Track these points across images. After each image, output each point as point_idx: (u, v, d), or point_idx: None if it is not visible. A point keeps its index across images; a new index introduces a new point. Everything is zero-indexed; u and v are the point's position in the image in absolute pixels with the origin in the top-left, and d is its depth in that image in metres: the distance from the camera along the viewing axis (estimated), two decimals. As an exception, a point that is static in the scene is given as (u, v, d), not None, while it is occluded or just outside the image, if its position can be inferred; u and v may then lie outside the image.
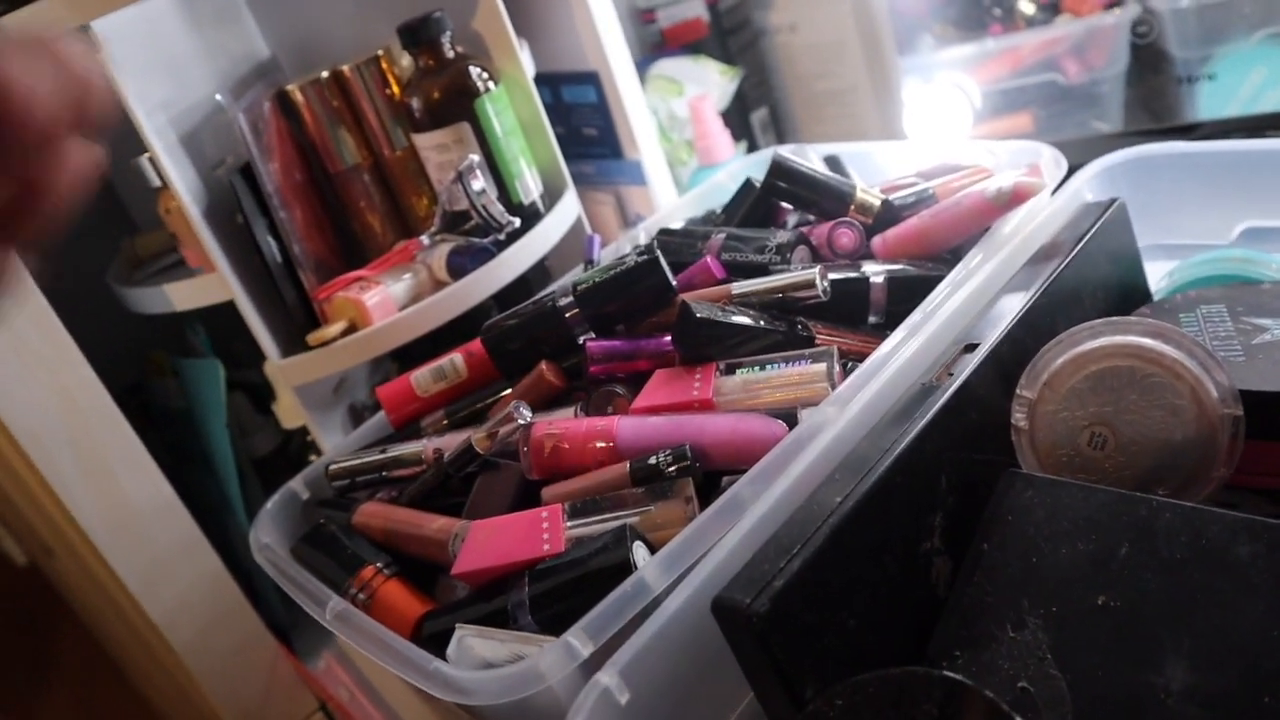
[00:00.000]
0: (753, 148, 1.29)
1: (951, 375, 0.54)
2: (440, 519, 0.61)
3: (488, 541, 0.55)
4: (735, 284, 0.65)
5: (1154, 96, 1.08)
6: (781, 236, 0.70)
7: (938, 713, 0.38)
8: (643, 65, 1.23)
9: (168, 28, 0.82)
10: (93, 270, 1.00)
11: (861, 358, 0.57)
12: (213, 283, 0.81)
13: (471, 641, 0.51)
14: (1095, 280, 0.63)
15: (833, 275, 0.64)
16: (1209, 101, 1.04)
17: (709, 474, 0.55)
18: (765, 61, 1.33)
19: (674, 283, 0.65)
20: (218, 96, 0.77)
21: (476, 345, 0.71)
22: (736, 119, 1.27)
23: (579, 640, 0.46)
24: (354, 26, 0.93)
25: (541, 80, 1.01)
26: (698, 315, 0.60)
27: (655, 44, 1.30)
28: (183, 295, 0.85)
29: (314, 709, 0.94)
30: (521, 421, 0.59)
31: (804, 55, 1.28)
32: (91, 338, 0.79)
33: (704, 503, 0.52)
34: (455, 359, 0.73)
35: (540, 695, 0.46)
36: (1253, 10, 0.99)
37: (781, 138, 1.35)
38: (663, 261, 0.65)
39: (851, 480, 0.48)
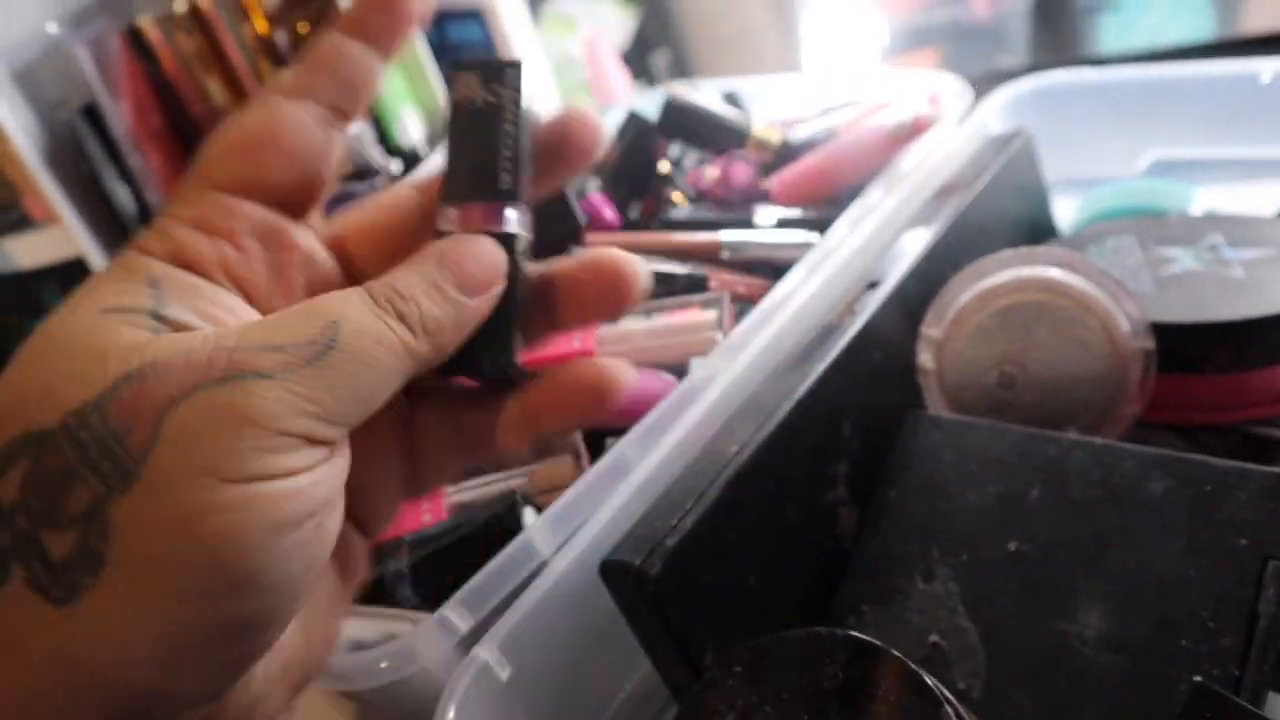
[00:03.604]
0: (654, 90, 1.24)
1: (854, 314, 0.51)
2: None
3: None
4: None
5: (1058, 31, 1.07)
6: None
7: (842, 675, 0.35)
8: (535, 3, 1.18)
9: (-7, -48, 0.74)
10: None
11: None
12: (58, 236, 0.74)
13: (340, 619, 0.47)
14: (1001, 214, 0.60)
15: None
16: (1112, 35, 1.03)
17: (593, 434, 0.51)
18: (666, 2, 1.28)
19: (582, 219, 0.59)
20: (48, 26, 0.69)
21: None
22: (637, 61, 1.22)
23: (457, 614, 0.42)
24: (213, -44, 0.86)
25: (424, 17, 0.95)
26: None
27: (550, -17, 1.24)
28: (27, 252, 0.77)
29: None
30: None
31: (706, -5, 1.24)
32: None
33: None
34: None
35: (418, 676, 0.42)
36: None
37: (684, 79, 1.31)
38: (570, 196, 0.59)
39: (748, 429, 0.44)
